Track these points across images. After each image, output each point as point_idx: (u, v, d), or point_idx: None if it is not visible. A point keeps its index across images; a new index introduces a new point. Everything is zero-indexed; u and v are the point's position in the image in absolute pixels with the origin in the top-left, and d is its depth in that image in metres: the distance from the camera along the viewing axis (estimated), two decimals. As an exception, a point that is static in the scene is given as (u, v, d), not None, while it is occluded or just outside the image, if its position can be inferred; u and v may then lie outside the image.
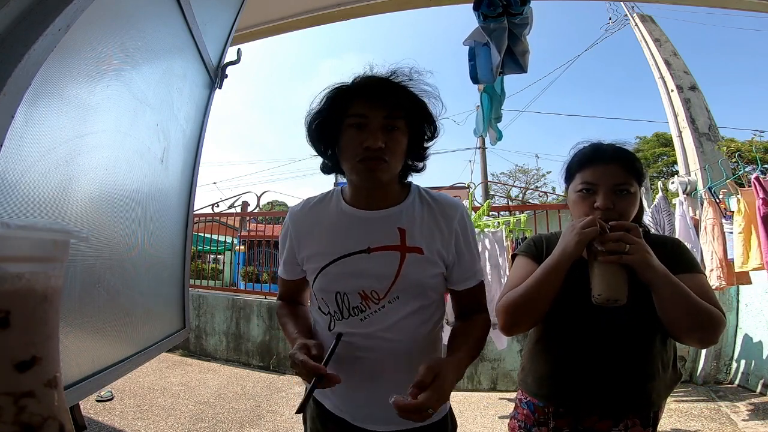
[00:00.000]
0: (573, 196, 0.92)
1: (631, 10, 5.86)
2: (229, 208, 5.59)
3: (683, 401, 2.99)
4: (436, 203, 0.84)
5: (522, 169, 19.24)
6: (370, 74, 0.78)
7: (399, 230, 0.79)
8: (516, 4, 1.55)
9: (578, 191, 0.90)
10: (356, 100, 0.75)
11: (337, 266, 0.80)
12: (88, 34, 0.77)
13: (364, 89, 0.75)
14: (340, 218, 0.83)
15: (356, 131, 0.74)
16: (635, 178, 0.88)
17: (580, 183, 0.90)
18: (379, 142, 0.72)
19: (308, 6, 2.36)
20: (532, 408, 0.95)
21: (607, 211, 0.85)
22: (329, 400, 0.85)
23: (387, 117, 0.74)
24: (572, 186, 0.93)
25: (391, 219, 0.80)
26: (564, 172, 0.98)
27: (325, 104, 0.78)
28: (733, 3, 2.30)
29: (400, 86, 0.76)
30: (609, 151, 0.90)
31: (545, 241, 1.01)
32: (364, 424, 0.81)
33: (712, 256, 3.04)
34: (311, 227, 0.85)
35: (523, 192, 16.72)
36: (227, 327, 4.32)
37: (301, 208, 0.89)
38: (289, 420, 2.72)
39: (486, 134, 2.11)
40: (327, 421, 0.85)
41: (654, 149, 18.09)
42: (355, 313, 0.79)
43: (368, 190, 0.81)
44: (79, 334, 0.87)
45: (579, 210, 0.91)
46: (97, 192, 0.89)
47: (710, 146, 4.11)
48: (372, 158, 0.73)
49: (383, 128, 0.74)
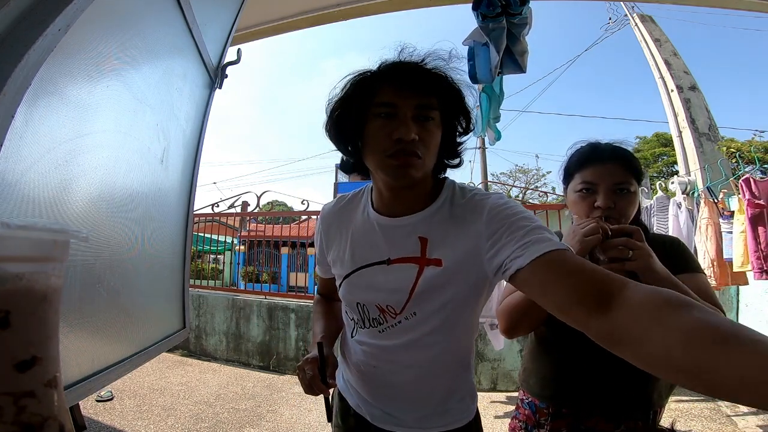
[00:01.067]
0: (573, 196, 0.92)
1: (631, 10, 5.86)
2: (229, 208, 5.59)
3: (683, 401, 2.99)
4: (465, 200, 0.70)
5: (522, 169, 19.26)
6: (400, 59, 0.67)
7: (420, 239, 0.69)
8: (515, 4, 1.55)
9: (578, 191, 0.90)
10: (383, 86, 0.65)
11: (358, 276, 0.75)
12: (88, 34, 0.77)
13: (393, 74, 0.65)
14: (365, 224, 0.76)
15: (384, 121, 0.64)
16: (634, 176, 0.88)
17: (580, 183, 0.90)
18: (412, 133, 0.62)
19: (308, 6, 2.36)
20: (533, 408, 0.95)
21: (607, 210, 0.85)
22: (352, 397, 0.84)
23: (419, 106, 0.64)
24: (571, 186, 0.93)
25: (415, 227, 0.70)
26: (562, 172, 0.98)
27: (347, 92, 0.68)
28: (733, 3, 2.30)
29: (434, 72, 0.66)
30: (607, 151, 0.90)
31: None
32: (381, 425, 0.79)
33: (705, 256, 3.06)
34: (339, 230, 0.80)
35: (523, 192, 16.72)
36: (227, 327, 4.32)
37: (331, 208, 0.84)
38: (289, 420, 2.72)
39: (485, 134, 2.11)
40: (348, 416, 0.85)
41: (654, 149, 18.09)
42: (374, 324, 0.75)
43: (395, 190, 0.71)
44: (79, 334, 0.87)
45: (579, 209, 0.90)
46: (97, 192, 0.89)
47: (710, 146, 4.11)
48: (405, 152, 0.63)
49: (415, 118, 0.64)
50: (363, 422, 0.81)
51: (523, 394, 1.00)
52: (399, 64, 0.67)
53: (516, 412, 1.00)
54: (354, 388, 0.83)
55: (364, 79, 0.68)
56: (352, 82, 0.69)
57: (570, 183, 0.94)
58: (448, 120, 0.69)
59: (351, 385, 0.84)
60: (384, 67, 0.68)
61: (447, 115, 0.68)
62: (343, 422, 0.86)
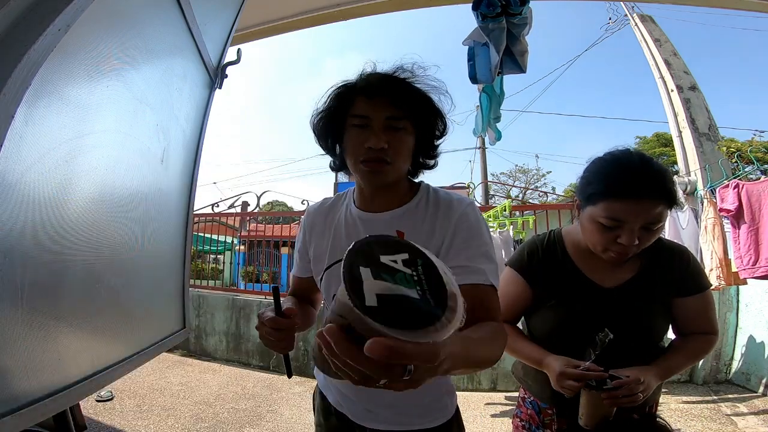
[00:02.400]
0: (590, 224, 0.83)
1: (631, 10, 5.86)
2: (229, 208, 5.59)
3: (683, 401, 2.99)
4: (439, 202, 0.78)
5: (522, 169, 19.26)
6: (373, 71, 0.76)
7: (398, 233, 0.75)
8: (515, 4, 1.55)
9: (599, 222, 0.80)
10: (358, 99, 0.73)
11: (338, 268, 0.78)
12: (88, 34, 0.77)
13: (366, 88, 0.73)
14: (347, 220, 0.82)
15: (358, 131, 0.72)
16: (669, 207, 0.78)
17: (605, 217, 0.79)
18: (381, 142, 0.70)
19: (308, 6, 2.36)
20: (537, 408, 0.95)
21: (630, 248, 0.78)
22: (332, 395, 0.86)
23: (390, 117, 0.71)
24: (592, 212, 0.82)
25: (392, 221, 0.77)
26: (584, 189, 0.85)
27: (329, 102, 0.77)
28: (733, 3, 2.30)
29: (403, 83, 0.73)
30: (644, 182, 0.76)
31: (540, 251, 0.95)
32: (362, 422, 0.81)
33: (712, 256, 3.05)
34: (322, 227, 0.85)
35: (523, 192, 16.73)
36: (227, 327, 4.32)
37: (317, 207, 0.89)
38: (289, 420, 2.72)
39: (485, 134, 2.11)
40: (329, 414, 0.86)
41: (654, 149, 18.07)
42: None
43: (372, 190, 0.79)
44: (79, 334, 0.87)
45: (595, 240, 0.83)
46: (97, 192, 0.89)
47: (710, 146, 4.10)
48: (374, 159, 0.71)
49: (386, 128, 0.71)
50: (344, 420, 0.83)
51: (525, 392, 0.99)
52: (371, 78, 0.74)
53: (518, 410, 1.00)
54: (335, 385, 0.85)
55: (343, 92, 0.76)
56: (333, 94, 0.77)
57: (590, 206, 0.82)
58: (421, 125, 0.75)
59: (332, 383, 0.85)
60: (360, 80, 0.75)
61: (419, 121, 0.74)
62: (325, 420, 0.87)
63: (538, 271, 0.94)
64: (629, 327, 0.85)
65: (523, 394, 1.00)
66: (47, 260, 0.74)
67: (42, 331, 0.74)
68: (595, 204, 0.81)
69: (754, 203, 2.78)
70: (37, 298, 0.72)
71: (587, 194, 0.83)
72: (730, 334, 3.48)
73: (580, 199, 0.87)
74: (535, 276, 0.93)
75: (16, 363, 0.67)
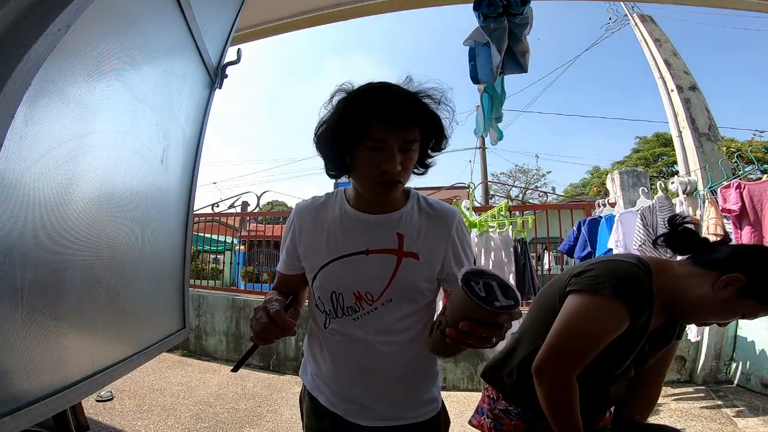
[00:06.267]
0: None
1: (631, 10, 5.86)
2: (229, 208, 5.59)
3: (683, 401, 2.99)
4: (433, 210, 0.85)
5: (522, 169, 19.29)
6: (389, 89, 0.72)
7: (398, 235, 0.80)
8: (516, 4, 1.55)
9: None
10: (375, 122, 0.69)
11: (336, 265, 0.81)
12: (88, 34, 0.77)
13: (385, 112, 0.69)
14: (342, 219, 0.83)
15: (373, 153, 0.71)
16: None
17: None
18: (397, 166, 0.71)
19: (308, 6, 2.35)
20: (523, 418, 0.93)
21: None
22: (323, 395, 0.86)
23: (406, 141, 0.71)
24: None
25: (391, 224, 0.81)
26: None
27: (340, 120, 0.73)
28: (733, 3, 2.29)
29: (418, 106, 0.72)
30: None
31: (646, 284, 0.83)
32: (357, 420, 0.82)
33: (716, 256, 3.04)
34: (313, 224, 0.86)
35: (523, 192, 16.73)
36: (227, 327, 4.32)
37: (308, 205, 0.89)
38: (289, 420, 2.72)
39: (486, 134, 2.11)
40: (321, 416, 0.86)
41: (654, 149, 18.09)
42: (348, 313, 0.81)
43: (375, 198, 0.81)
44: (79, 334, 0.87)
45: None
46: (97, 192, 0.89)
47: (710, 146, 4.10)
48: (390, 182, 0.73)
49: (400, 150, 0.71)
50: (338, 420, 0.83)
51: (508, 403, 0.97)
52: (389, 101, 0.70)
53: (496, 422, 0.96)
54: (327, 385, 0.85)
55: (354, 110, 0.71)
56: (343, 111, 0.73)
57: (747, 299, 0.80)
58: (427, 143, 0.78)
59: (324, 383, 0.86)
60: (374, 96, 0.71)
61: (427, 140, 0.78)
62: (317, 422, 0.87)
63: (646, 315, 0.82)
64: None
65: (507, 406, 0.95)
66: (47, 260, 0.74)
67: (42, 331, 0.73)
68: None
69: (757, 204, 2.77)
70: (37, 298, 0.71)
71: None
72: (730, 334, 3.48)
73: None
74: (642, 319, 0.82)
75: (16, 363, 0.67)
